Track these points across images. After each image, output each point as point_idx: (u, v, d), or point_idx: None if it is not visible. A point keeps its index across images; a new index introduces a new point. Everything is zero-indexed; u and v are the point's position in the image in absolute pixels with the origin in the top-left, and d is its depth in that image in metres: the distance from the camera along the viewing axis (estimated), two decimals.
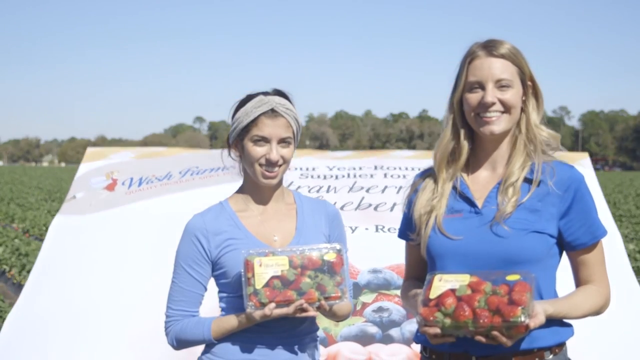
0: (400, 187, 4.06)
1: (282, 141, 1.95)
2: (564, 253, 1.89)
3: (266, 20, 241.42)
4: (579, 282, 1.87)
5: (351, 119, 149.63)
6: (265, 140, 1.93)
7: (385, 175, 4.35)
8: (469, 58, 1.86)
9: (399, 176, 4.32)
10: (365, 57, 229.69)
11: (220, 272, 1.97)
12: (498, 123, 1.82)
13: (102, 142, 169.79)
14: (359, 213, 3.90)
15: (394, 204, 3.89)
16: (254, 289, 1.80)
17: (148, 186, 4.22)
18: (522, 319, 1.56)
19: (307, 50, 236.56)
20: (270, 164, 1.93)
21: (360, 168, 4.51)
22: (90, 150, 4.92)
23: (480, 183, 1.88)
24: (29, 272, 8.01)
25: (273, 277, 1.79)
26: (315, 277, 1.82)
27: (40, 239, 11.72)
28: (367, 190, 4.14)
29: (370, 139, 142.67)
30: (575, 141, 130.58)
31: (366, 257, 3.51)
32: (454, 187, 1.89)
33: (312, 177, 4.38)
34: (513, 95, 1.83)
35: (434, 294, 1.67)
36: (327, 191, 4.12)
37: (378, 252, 3.56)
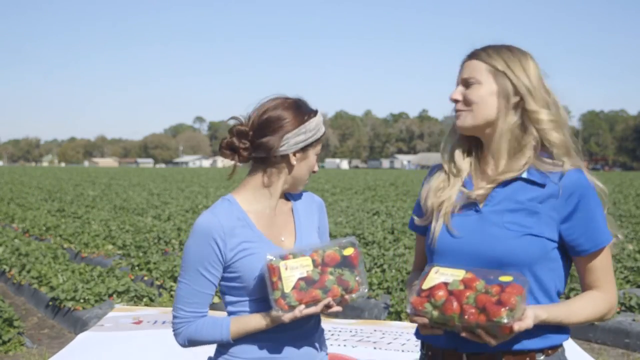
0: (395, 339, 4.92)
1: None
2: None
3: (266, 21, 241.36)
4: (584, 287, 1.86)
5: (351, 119, 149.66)
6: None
7: (383, 334, 5.22)
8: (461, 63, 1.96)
9: (395, 334, 5.19)
10: (365, 57, 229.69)
11: (233, 275, 1.95)
12: (462, 119, 1.89)
13: (102, 142, 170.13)
14: (360, 343, 4.81)
15: (390, 342, 4.76)
16: (281, 293, 1.82)
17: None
18: (505, 320, 1.55)
19: (307, 50, 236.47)
20: (312, 173, 2.11)
21: (362, 329, 5.38)
22: (118, 306, 6.11)
23: (485, 181, 1.90)
24: (28, 272, 8.02)
25: (299, 279, 1.83)
26: (336, 272, 1.86)
27: (41, 239, 11.72)
28: (368, 336, 5.04)
29: (370, 139, 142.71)
30: (575, 141, 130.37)
31: None
32: (463, 184, 1.92)
33: None
34: (476, 91, 1.86)
35: (427, 284, 1.69)
36: (328, 338, 4.82)
37: None
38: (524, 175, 1.82)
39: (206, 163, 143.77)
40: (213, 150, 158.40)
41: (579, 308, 1.78)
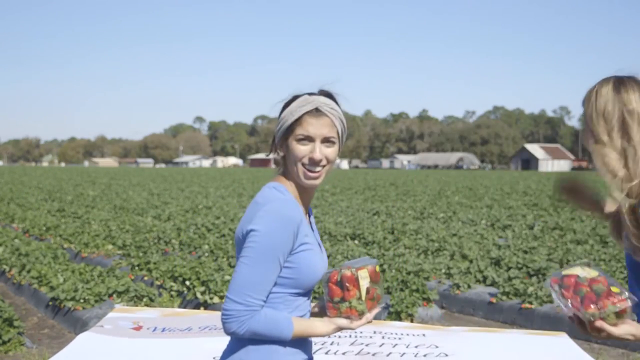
0: (396, 345, 4.93)
1: (326, 140, 1.93)
2: None
3: (266, 21, 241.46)
4: None
5: (351, 119, 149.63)
6: (309, 139, 1.91)
7: (382, 337, 5.23)
8: None
9: (395, 338, 5.20)
10: (365, 57, 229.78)
11: (289, 266, 1.89)
12: None
13: (102, 142, 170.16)
14: (358, 357, 4.82)
15: (390, 353, 4.81)
16: (356, 301, 1.90)
17: (171, 333, 5.08)
18: (589, 316, 1.84)
19: (307, 50, 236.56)
20: (313, 163, 1.91)
21: (361, 332, 5.35)
22: (118, 307, 6.10)
23: None
24: (28, 272, 8.02)
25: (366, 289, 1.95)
26: (374, 286, 2.00)
27: (41, 239, 11.71)
28: (367, 345, 5.00)
29: (370, 139, 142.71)
30: (575, 141, 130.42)
31: None
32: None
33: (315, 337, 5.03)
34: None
35: (568, 271, 1.96)
36: (328, 351, 4.89)
37: None
38: None
39: (206, 163, 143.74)
40: (213, 150, 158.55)
41: None
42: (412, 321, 6.26)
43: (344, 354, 4.90)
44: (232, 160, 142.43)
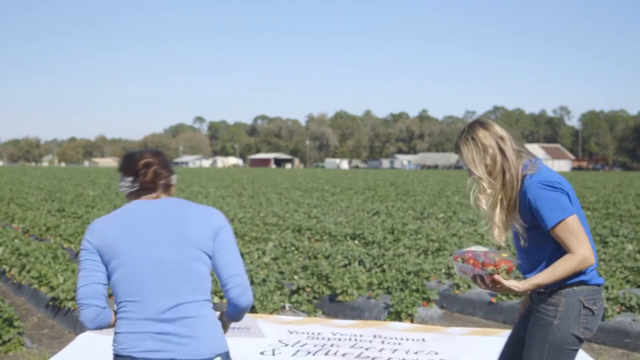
0: (395, 350, 4.99)
1: None
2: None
3: (266, 21, 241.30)
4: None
5: (351, 119, 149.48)
6: None
7: (382, 342, 5.25)
8: None
9: (394, 343, 5.21)
10: (365, 57, 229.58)
11: None
12: None
13: (102, 142, 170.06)
14: None
15: (389, 358, 4.81)
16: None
17: None
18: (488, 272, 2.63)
19: (307, 50, 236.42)
20: None
21: (361, 335, 5.40)
22: None
23: None
24: (28, 272, 8.02)
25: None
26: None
27: (41, 239, 11.71)
28: (367, 349, 5.03)
29: (370, 139, 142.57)
30: (575, 141, 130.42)
31: None
32: None
33: (317, 338, 5.34)
34: None
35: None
36: (328, 352, 4.94)
37: None
38: None
39: (206, 163, 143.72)
40: (213, 150, 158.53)
41: (556, 267, 2.57)
42: (412, 321, 6.26)
43: (343, 355, 4.90)
44: (232, 160, 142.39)
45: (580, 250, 2.55)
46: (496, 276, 2.57)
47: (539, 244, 2.66)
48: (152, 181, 2.40)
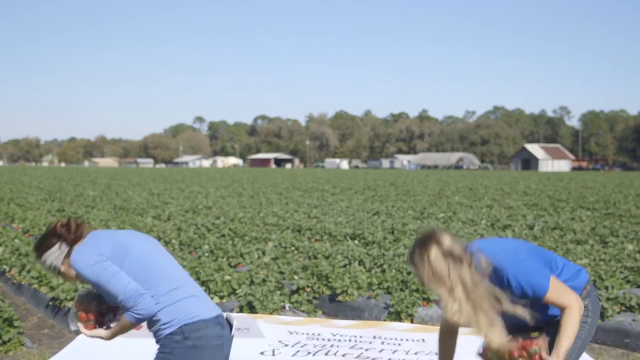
0: (395, 351, 5.02)
1: None
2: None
3: (266, 21, 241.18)
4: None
5: (351, 119, 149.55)
6: None
7: (382, 342, 5.27)
8: None
9: (394, 344, 5.23)
10: (365, 57, 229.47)
11: None
12: None
13: (102, 142, 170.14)
14: None
15: (390, 358, 4.83)
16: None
17: None
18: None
19: (307, 50, 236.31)
20: None
21: (361, 336, 5.41)
22: None
23: None
24: (28, 272, 8.02)
25: None
26: None
27: None
28: (366, 350, 5.05)
29: (370, 139, 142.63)
30: (575, 141, 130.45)
31: None
32: None
33: (317, 339, 5.40)
34: None
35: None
36: (328, 352, 4.96)
37: None
38: None
39: (206, 163, 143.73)
40: (213, 150, 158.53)
41: (564, 332, 2.69)
42: (412, 321, 6.26)
43: (343, 355, 4.90)
44: (232, 160, 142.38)
45: (572, 302, 2.72)
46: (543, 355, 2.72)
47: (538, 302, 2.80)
48: (76, 229, 2.89)
